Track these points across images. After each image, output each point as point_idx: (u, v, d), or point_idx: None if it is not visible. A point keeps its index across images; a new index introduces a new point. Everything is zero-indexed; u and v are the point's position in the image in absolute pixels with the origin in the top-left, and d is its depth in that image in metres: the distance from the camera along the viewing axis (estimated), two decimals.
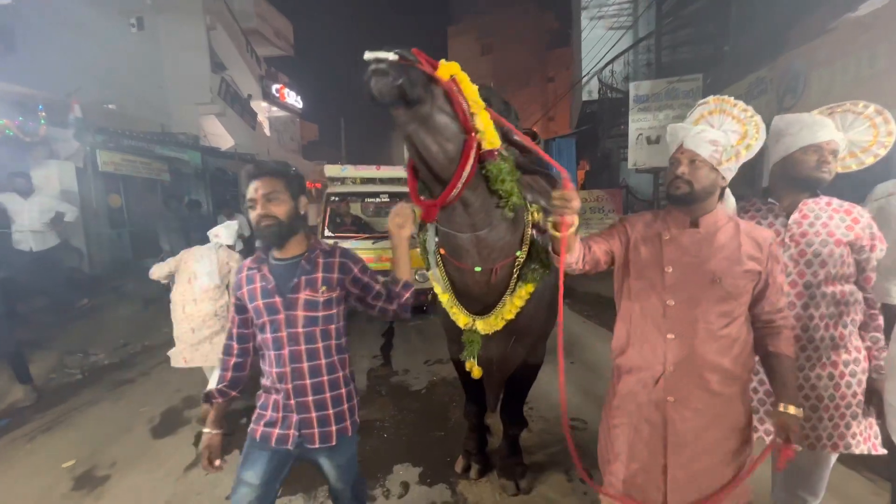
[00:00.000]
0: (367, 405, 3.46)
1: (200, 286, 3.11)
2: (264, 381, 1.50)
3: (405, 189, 6.11)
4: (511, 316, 1.80)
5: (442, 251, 1.75)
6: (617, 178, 10.39)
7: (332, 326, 1.47)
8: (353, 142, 24.36)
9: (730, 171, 1.40)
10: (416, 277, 5.44)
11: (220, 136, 12.31)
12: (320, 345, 1.44)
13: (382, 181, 6.04)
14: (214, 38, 12.40)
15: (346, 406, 1.50)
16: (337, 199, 5.86)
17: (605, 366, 4.09)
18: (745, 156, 1.45)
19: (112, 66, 9.95)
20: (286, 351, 1.41)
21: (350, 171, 5.98)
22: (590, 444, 2.84)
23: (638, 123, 7.11)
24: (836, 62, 3.86)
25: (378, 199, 6.02)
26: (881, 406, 1.51)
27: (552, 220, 1.31)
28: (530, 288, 1.79)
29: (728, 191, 1.50)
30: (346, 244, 5.42)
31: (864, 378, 1.56)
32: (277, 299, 1.41)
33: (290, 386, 1.42)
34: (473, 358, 1.92)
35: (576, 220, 1.28)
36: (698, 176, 1.36)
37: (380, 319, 1.70)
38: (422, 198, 1.55)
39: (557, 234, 1.29)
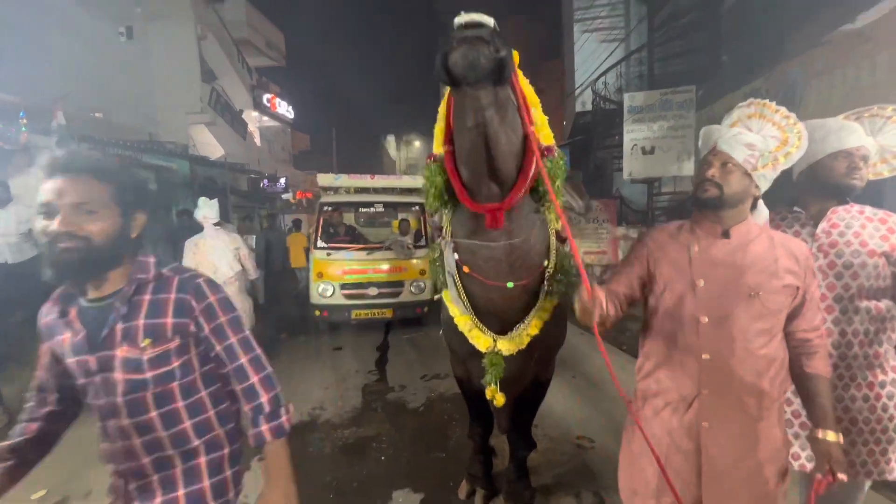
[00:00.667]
0: (361, 423, 3.29)
1: (224, 277, 3.75)
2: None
3: (400, 199, 6.03)
4: (536, 332, 1.65)
5: (466, 269, 1.57)
6: (611, 189, 10.41)
7: (175, 385, 1.02)
8: (344, 151, 24.26)
9: (765, 179, 1.31)
10: (412, 289, 5.31)
11: (209, 145, 12.14)
12: (154, 414, 1.01)
13: (377, 191, 5.94)
14: (205, 47, 12.32)
15: (206, 483, 1.06)
16: (330, 208, 5.75)
17: (608, 379, 3.99)
18: (783, 164, 1.36)
19: (100, 74, 9.80)
20: (111, 424, 1.02)
21: (344, 180, 5.87)
22: (600, 465, 2.73)
23: (632, 134, 7.10)
24: (835, 72, 3.87)
25: (372, 209, 5.91)
26: None
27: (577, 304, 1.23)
28: (555, 301, 1.67)
29: (761, 202, 1.41)
30: (339, 255, 5.28)
31: None
32: (89, 357, 0.99)
33: (123, 467, 1.04)
34: (496, 383, 1.71)
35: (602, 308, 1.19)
36: (729, 180, 1.26)
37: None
38: (476, 201, 1.37)
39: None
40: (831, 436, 1.18)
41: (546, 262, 1.63)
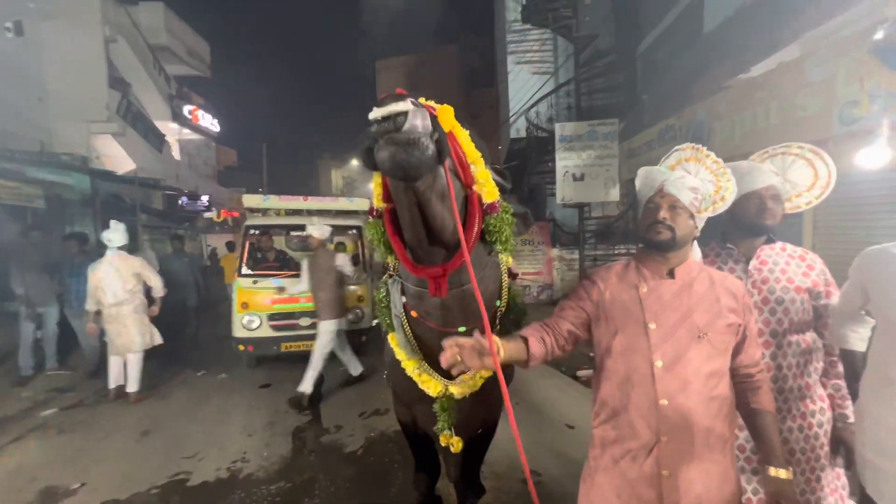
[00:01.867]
0: (291, 475, 2.94)
1: (116, 299, 4.08)
2: None
3: (336, 222, 5.69)
4: (489, 374, 1.57)
5: (413, 313, 1.50)
6: (544, 212, 10.88)
7: None
8: (276, 169, 23.16)
9: (702, 221, 1.34)
10: (349, 317, 5.01)
11: (119, 158, 10.86)
12: None
13: (311, 213, 5.60)
14: (115, 51, 11.15)
15: None
16: (257, 231, 5.30)
17: (551, 405, 3.99)
18: (721, 207, 1.41)
19: None
20: None
21: (273, 201, 5.45)
22: (546, 500, 2.66)
23: (564, 161, 7.49)
24: (735, 116, 4.35)
25: (306, 233, 5.56)
26: (850, 456, 1.49)
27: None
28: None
29: (695, 241, 1.44)
30: (267, 282, 4.86)
31: (829, 428, 1.54)
32: None
33: None
34: (450, 429, 1.64)
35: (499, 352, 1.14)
36: (679, 222, 1.26)
37: None
38: (418, 264, 1.31)
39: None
40: (783, 473, 1.18)
41: (498, 302, 1.56)
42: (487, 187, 1.28)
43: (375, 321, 5.20)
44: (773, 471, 1.19)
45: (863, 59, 2.79)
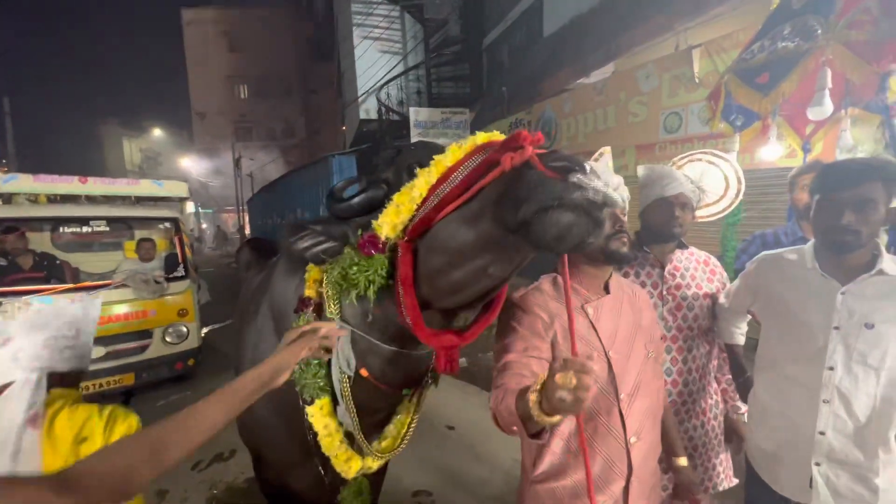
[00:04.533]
0: None
1: None
2: None
3: (135, 212, 4.23)
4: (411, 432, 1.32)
5: (364, 372, 1.11)
6: None
7: None
8: (30, 136, 17.06)
9: None
10: (166, 339, 3.86)
11: None
12: None
13: (92, 200, 4.05)
14: None
15: None
16: None
17: (428, 408, 3.73)
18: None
19: None
20: None
21: (25, 182, 3.73)
22: None
23: None
24: (578, 115, 4.79)
25: (90, 228, 3.99)
26: (738, 443, 1.62)
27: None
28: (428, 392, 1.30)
29: None
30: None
31: (722, 419, 1.65)
32: None
33: None
34: None
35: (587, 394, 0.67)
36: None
37: None
38: (431, 330, 0.97)
39: (552, 420, 0.70)
40: (683, 461, 1.27)
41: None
42: None
43: (199, 342, 4.11)
44: (679, 461, 1.28)
45: (682, 74, 3.30)
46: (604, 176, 1.08)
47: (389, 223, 0.93)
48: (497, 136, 0.91)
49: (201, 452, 3.17)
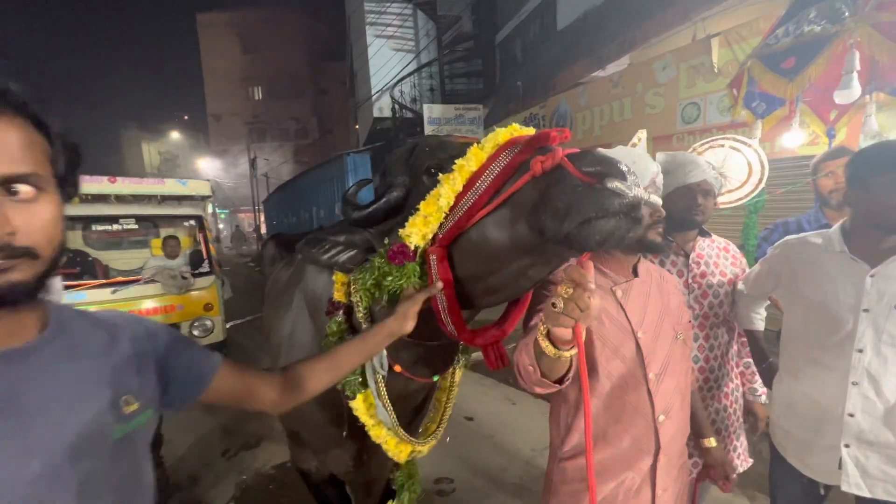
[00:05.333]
0: None
1: None
2: None
3: (161, 210, 4.36)
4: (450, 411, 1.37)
5: (398, 368, 1.14)
6: None
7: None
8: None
9: None
10: (194, 332, 3.98)
11: None
12: None
13: (121, 199, 4.18)
14: None
15: None
16: None
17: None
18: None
19: None
20: None
21: None
22: None
23: None
24: (594, 108, 4.77)
25: (120, 226, 4.13)
26: (755, 423, 1.64)
27: (549, 331, 0.77)
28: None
29: None
30: (61, 299, 3.47)
31: (742, 402, 1.66)
32: None
33: None
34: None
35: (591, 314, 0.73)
36: None
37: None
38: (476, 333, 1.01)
39: (563, 352, 0.76)
40: (713, 442, 1.28)
41: None
42: None
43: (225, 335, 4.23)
44: (706, 442, 1.29)
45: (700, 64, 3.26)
46: (641, 162, 1.11)
47: (419, 233, 0.92)
48: (516, 129, 0.90)
49: (230, 441, 3.28)
